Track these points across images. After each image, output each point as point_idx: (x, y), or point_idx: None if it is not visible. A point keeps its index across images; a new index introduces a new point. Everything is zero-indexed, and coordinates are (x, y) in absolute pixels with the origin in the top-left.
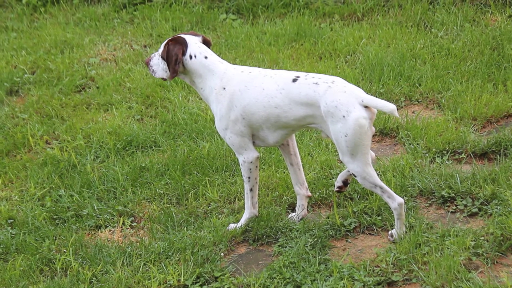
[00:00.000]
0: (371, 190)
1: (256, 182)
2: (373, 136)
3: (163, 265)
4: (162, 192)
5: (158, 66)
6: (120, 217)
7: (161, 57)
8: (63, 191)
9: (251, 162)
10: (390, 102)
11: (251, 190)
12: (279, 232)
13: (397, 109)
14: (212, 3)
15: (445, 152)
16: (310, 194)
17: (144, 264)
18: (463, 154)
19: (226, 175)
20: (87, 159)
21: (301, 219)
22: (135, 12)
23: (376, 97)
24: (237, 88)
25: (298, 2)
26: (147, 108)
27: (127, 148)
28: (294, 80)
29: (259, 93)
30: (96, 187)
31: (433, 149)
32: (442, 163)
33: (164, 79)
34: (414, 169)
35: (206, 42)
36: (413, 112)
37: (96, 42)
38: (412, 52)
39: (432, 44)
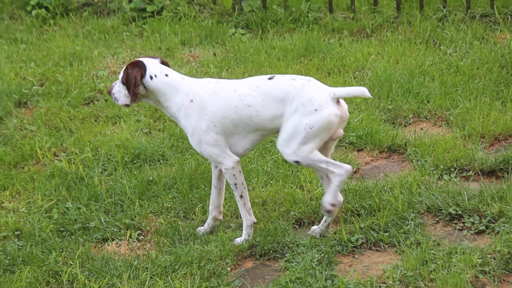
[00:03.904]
0: (315, 168)
1: (245, 188)
2: (380, 152)
3: (169, 278)
4: (169, 205)
5: (120, 92)
6: (127, 230)
7: (122, 83)
8: (70, 203)
9: (233, 168)
10: (398, 118)
11: (241, 196)
12: (286, 247)
13: (405, 126)
14: (221, 18)
15: (452, 169)
16: (221, 218)
17: (151, 277)
18: (470, 171)
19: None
20: (94, 171)
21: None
22: (144, 25)
23: (384, 113)
24: (206, 97)
25: (307, 17)
26: (155, 121)
27: (135, 161)
28: (270, 79)
29: (231, 95)
30: (103, 200)
31: (441, 166)
32: (449, 180)
33: (127, 105)
34: (422, 186)
35: (164, 64)
36: (421, 129)
37: (105, 55)
38: (420, 69)
39: (441, 61)
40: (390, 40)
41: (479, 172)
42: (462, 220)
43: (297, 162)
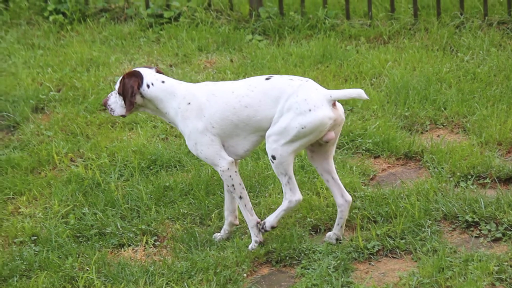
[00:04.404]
0: (277, 176)
1: (243, 188)
2: (397, 159)
3: (185, 284)
4: (185, 211)
5: (116, 103)
6: (143, 236)
7: (118, 93)
8: (87, 209)
9: (228, 169)
10: (415, 125)
11: (241, 198)
12: (302, 254)
13: (422, 133)
14: (238, 24)
15: (469, 177)
16: (238, 222)
17: (167, 283)
18: (487, 178)
19: (250, 196)
20: (111, 177)
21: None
22: (162, 31)
23: (401, 120)
24: (204, 99)
25: (324, 24)
26: (171, 127)
27: (151, 167)
28: (268, 79)
29: (228, 96)
30: (120, 205)
31: (458, 173)
32: (466, 188)
33: (124, 116)
34: (439, 193)
35: (159, 73)
36: (438, 136)
37: (122, 60)
38: (437, 76)
39: (458, 68)
40: (407, 47)
41: (496, 180)
42: (478, 228)
43: (273, 157)
